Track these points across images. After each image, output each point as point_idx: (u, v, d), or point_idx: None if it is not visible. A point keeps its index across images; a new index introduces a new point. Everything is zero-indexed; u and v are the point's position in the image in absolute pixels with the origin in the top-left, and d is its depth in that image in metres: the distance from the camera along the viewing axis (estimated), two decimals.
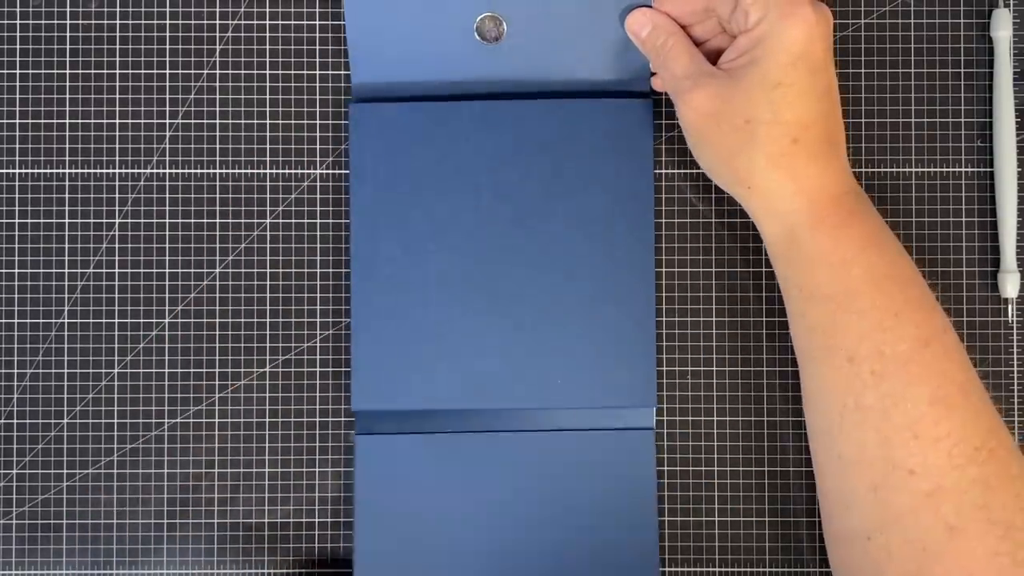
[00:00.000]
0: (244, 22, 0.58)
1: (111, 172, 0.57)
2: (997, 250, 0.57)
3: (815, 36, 0.48)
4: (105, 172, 0.57)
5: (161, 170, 0.57)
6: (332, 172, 0.57)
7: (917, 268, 0.50)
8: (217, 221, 0.57)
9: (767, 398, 0.57)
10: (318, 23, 0.58)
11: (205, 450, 0.57)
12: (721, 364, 0.57)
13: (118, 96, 0.57)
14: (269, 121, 0.57)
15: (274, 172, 0.57)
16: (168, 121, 0.57)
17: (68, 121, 0.57)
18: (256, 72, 0.57)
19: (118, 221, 0.57)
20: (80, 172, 0.57)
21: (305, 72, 0.58)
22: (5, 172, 0.57)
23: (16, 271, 0.57)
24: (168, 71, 0.57)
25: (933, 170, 0.57)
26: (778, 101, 0.48)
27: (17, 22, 0.57)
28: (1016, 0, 0.57)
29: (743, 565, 0.57)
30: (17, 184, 0.57)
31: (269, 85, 0.57)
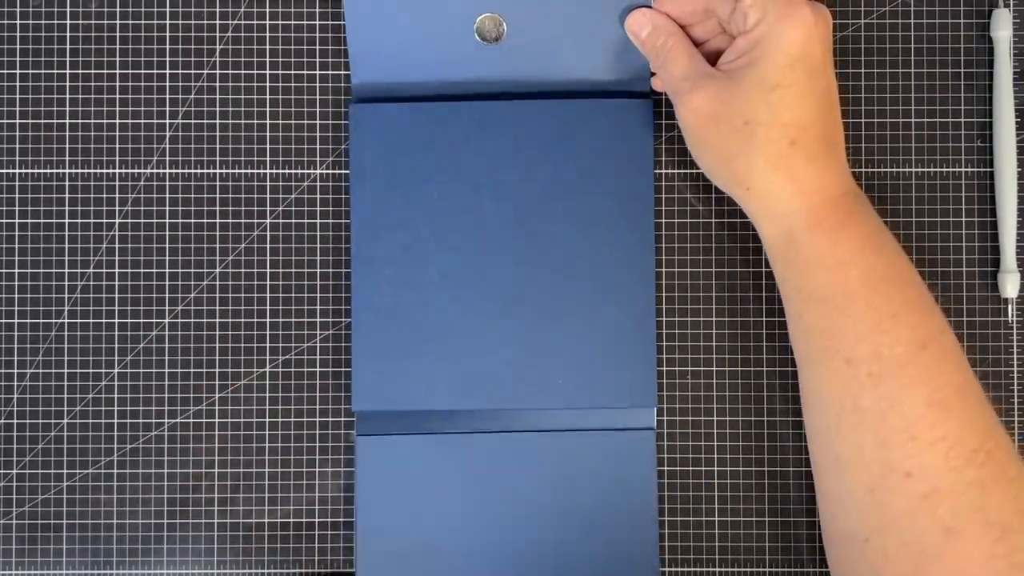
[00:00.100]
0: (244, 22, 0.58)
1: (111, 172, 0.57)
2: (997, 250, 0.57)
3: (813, 38, 0.48)
4: (105, 172, 0.57)
5: (161, 170, 0.57)
6: (332, 172, 0.57)
7: (915, 269, 0.50)
8: (217, 221, 0.57)
9: (767, 398, 0.57)
10: (318, 23, 0.58)
11: (205, 450, 0.57)
12: (721, 364, 0.57)
13: (118, 96, 0.57)
14: (269, 121, 0.57)
15: (274, 172, 0.57)
16: (168, 121, 0.57)
17: (68, 121, 0.57)
18: (256, 72, 0.57)
19: (118, 221, 0.57)
20: (80, 172, 0.57)
21: (305, 72, 0.58)
22: (5, 172, 0.57)
23: (16, 271, 0.57)
24: (168, 71, 0.57)
25: (933, 170, 0.57)
26: (776, 103, 0.48)
27: (17, 22, 0.57)
28: (1016, 0, 0.57)
29: (743, 565, 0.57)
30: (17, 184, 0.57)
31: (269, 85, 0.57)
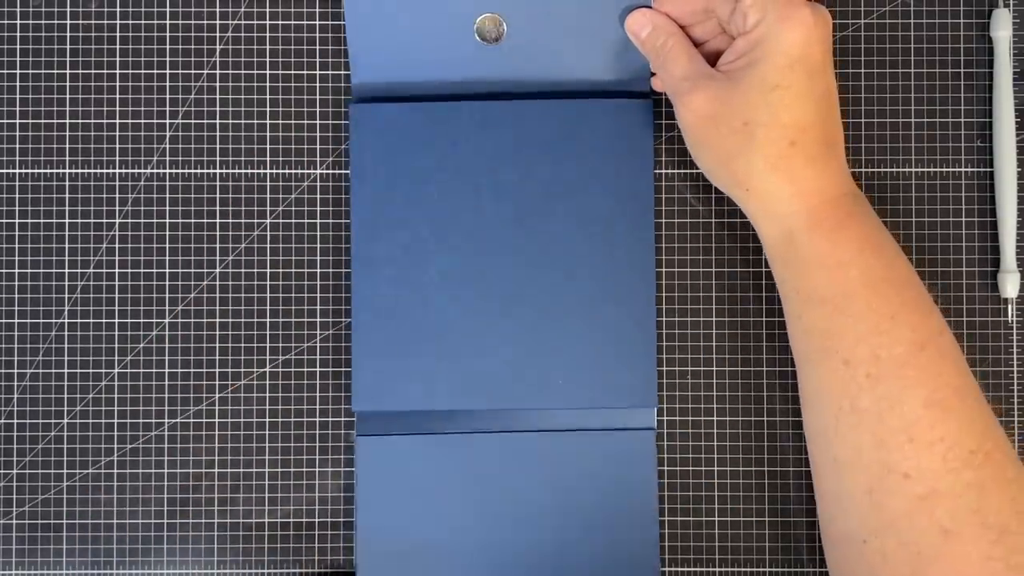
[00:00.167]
0: (244, 22, 0.57)
1: (111, 172, 0.57)
2: (997, 250, 0.57)
3: (813, 39, 0.48)
4: (105, 172, 0.57)
5: (161, 170, 0.57)
6: (332, 172, 0.57)
7: (915, 270, 0.49)
8: (217, 221, 0.57)
9: (767, 398, 0.57)
10: (318, 23, 0.58)
11: (205, 450, 0.57)
12: (721, 364, 0.57)
13: (118, 96, 0.57)
14: (269, 121, 0.57)
15: (274, 172, 0.57)
16: (168, 121, 0.57)
17: (68, 121, 0.57)
18: (256, 72, 0.57)
19: (118, 221, 0.57)
20: (80, 172, 0.57)
21: (305, 72, 0.58)
22: (5, 172, 0.57)
23: (16, 271, 0.57)
24: (168, 71, 0.57)
25: (933, 170, 0.57)
26: (776, 104, 0.48)
27: (17, 22, 0.57)
28: (1016, 0, 0.57)
29: (743, 565, 0.57)
30: (17, 184, 0.57)
31: (269, 85, 0.57)
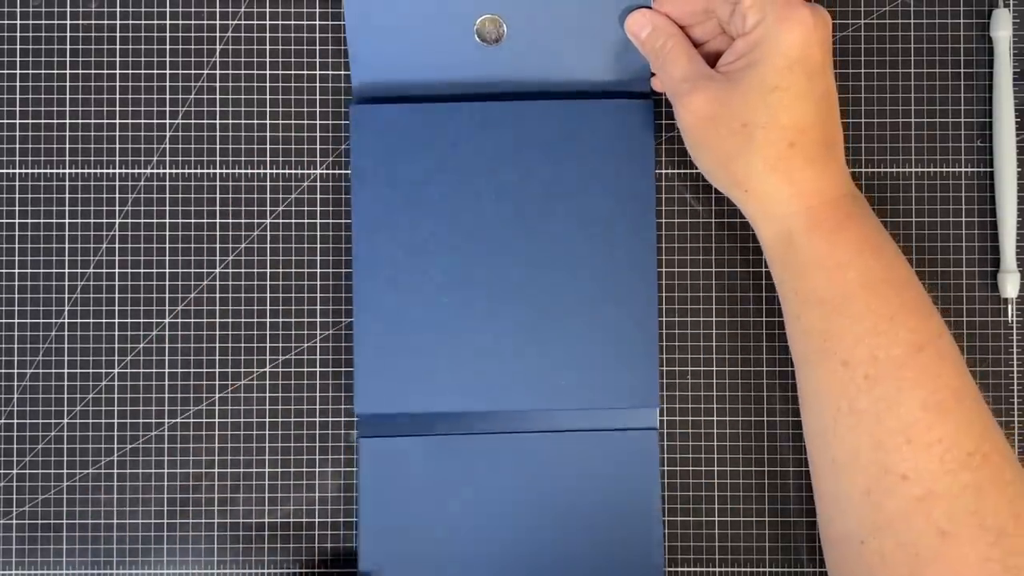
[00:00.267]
0: (244, 22, 0.57)
1: (111, 172, 0.57)
2: (997, 250, 0.57)
3: (812, 40, 0.48)
4: (105, 172, 0.57)
5: (161, 170, 0.57)
6: (332, 172, 0.57)
7: (914, 272, 0.49)
8: (217, 221, 0.57)
9: (767, 398, 0.57)
10: (318, 23, 0.58)
11: (205, 450, 0.57)
12: (721, 364, 0.57)
13: (118, 96, 0.57)
14: (269, 121, 0.57)
15: (274, 172, 0.57)
16: (168, 121, 0.57)
17: (68, 121, 0.57)
18: (256, 72, 0.57)
19: (118, 221, 0.57)
20: (80, 172, 0.57)
21: (305, 72, 0.58)
22: (5, 172, 0.57)
23: (16, 271, 0.57)
24: (168, 71, 0.57)
25: (933, 170, 0.57)
26: (775, 105, 0.48)
27: (17, 22, 0.57)
28: (1016, 0, 0.57)
29: (743, 565, 0.57)
30: (17, 184, 0.57)
31: (269, 85, 0.57)
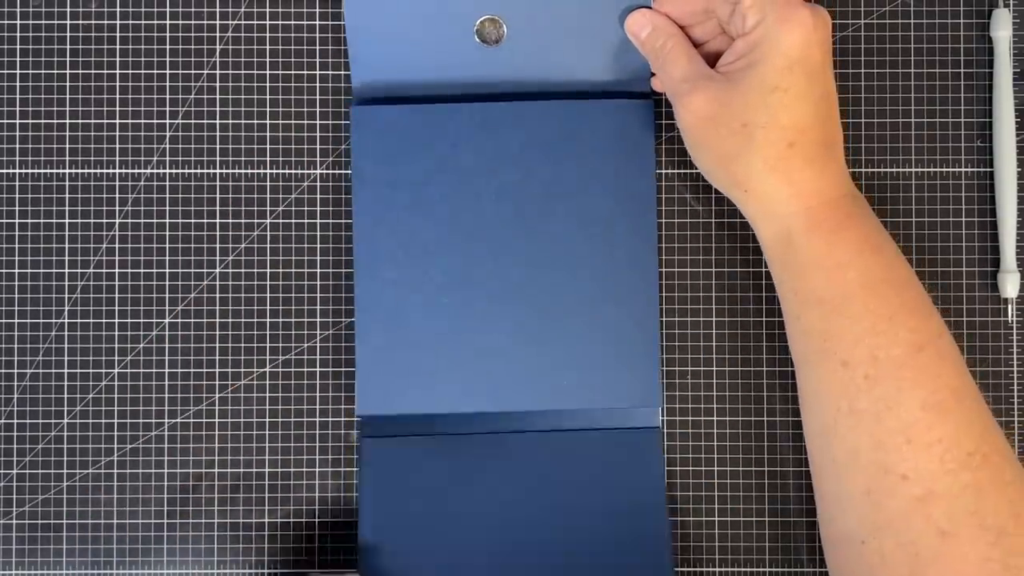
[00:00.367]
0: (244, 22, 0.57)
1: (111, 172, 0.57)
2: (997, 250, 0.57)
3: (812, 41, 0.48)
4: (105, 172, 0.57)
5: (161, 170, 0.57)
6: (332, 172, 0.57)
7: (914, 272, 0.50)
8: (217, 221, 0.57)
9: (767, 398, 0.57)
10: (318, 23, 0.58)
11: (205, 450, 0.57)
12: (721, 364, 0.57)
13: (118, 96, 0.57)
14: (269, 121, 0.57)
15: (274, 172, 0.57)
16: (168, 121, 0.57)
17: (68, 121, 0.57)
18: (256, 72, 0.57)
19: (118, 221, 0.57)
20: (80, 172, 0.57)
21: (305, 72, 0.58)
22: (5, 172, 0.57)
23: (16, 271, 0.57)
24: (168, 71, 0.57)
25: (933, 170, 0.57)
26: (775, 105, 0.48)
27: (17, 22, 0.57)
28: (1016, 0, 0.57)
29: (743, 565, 0.57)
30: (17, 184, 0.57)
31: (269, 85, 0.57)
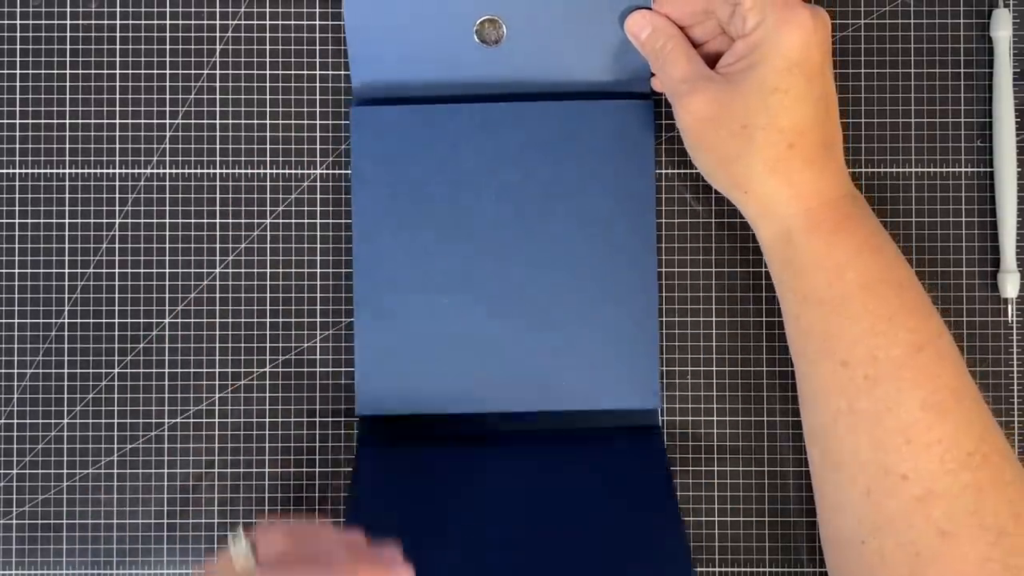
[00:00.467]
0: (244, 22, 0.57)
1: (111, 172, 0.57)
2: (997, 250, 0.57)
3: (812, 42, 0.48)
4: (105, 172, 0.57)
5: (161, 170, 0.57)
6: (332, 172, 0.57)
7: (913, 272, 0.50)
8: (217, 221, 0.57)
9: (767, 398, 0.57)
10: (318, 23, 0.58)
11: (205, 450, 0.57)
12: (721, 364, 0.57)
13: (118, 96, 0.57)
14: (269, 121, 0.57)
15: (274, 172, 0.57)
16: (168, 121, 0.57)
17: (68, 121, 0.57)
18: (256, 72, 0.57)
19: (118, 221, 0.57)
20: (80, 172, 0.57)
21: (305, 72, 0.58)
22: (5, 172, 0.57)
23: (16, 271, 0.57)
24: (168, 71, 0.57)
25: (933, 170, 0.57)
26: (775, 107, 0.48)
27: (17, 22, 0.57)
28: (1016, 0, 0.57)
29: (743, 565, 0.57)
30: (17, 184, 0.57)
31: (269, 85, 0.57)
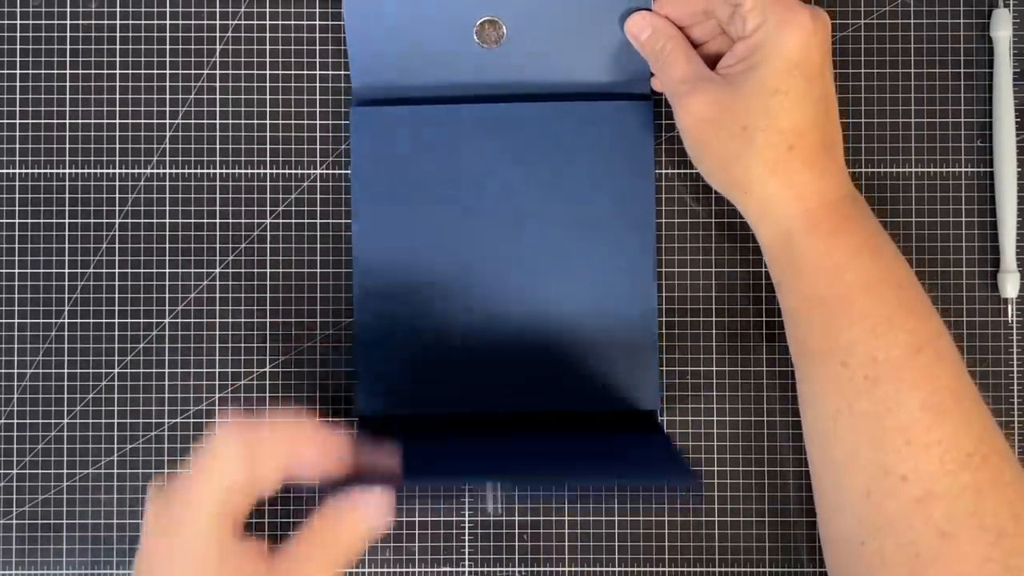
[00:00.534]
0: (244, 22, 0.57)
1: (111, 172, 0.57)
2: (997, 250, 0.57)
3: (812, 44, 0.48)
4: (105, 172, 0.57)
5: (161, 170, 0.57)
6: (332, 172, 0.57)
7: (913, 273, 0.50)
8: (217, 221, 0.57)
9: (767, 398, 0.57)
10: (318, 23, 0.58)
11: None
12: (721, 364, 0.57)
13: (118, 96, 0.57)
14: (269, 121, 0.57)
15: (274, 172, 0.57)
16: (168, 121, 0.57)
17: (68, 121, 0.57)
18: (256, 72, 0.57)
19: (118, 221, 0.57)
20: (80, 172, 0.57)
21: (305, 72, 0.58)
22: (5, 172, 0.57)
23: (16, 271, 0.57)
24: (168, 71, 0.57)
25: (933, 170, 0.57)
26: (775, 108, 0.48)
27: (17, 22, 0.57)
28: (1016, 0, 0.57)
29: (743, 565, 0.57)
30: (17, 184, 0.57)
31: (269, 85, 0.57)
